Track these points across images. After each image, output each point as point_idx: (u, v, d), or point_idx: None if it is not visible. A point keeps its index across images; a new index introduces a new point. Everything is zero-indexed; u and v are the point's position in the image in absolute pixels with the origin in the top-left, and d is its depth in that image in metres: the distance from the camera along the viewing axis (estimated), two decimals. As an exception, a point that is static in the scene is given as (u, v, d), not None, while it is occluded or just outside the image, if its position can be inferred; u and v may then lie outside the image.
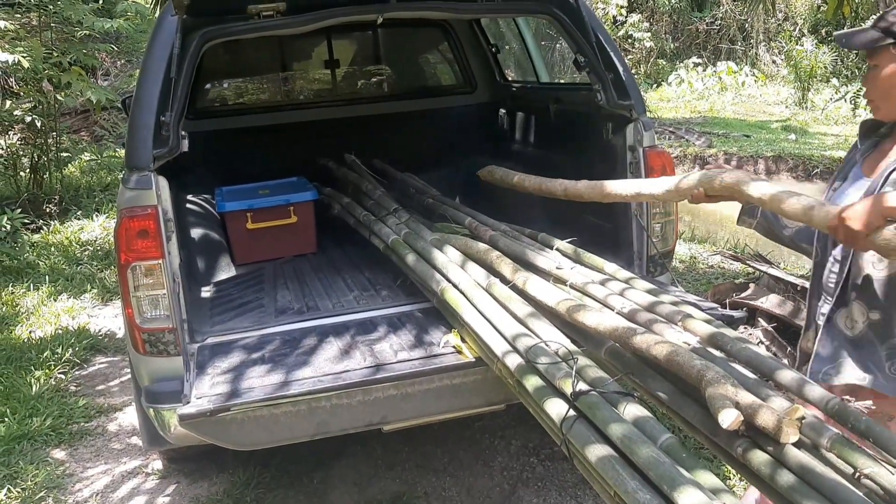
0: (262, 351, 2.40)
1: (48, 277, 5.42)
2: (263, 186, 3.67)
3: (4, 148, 7.10)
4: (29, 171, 7.26)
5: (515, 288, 2.29)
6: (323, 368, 2.25)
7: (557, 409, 1.73)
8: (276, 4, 2.66)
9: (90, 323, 4.72)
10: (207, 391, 2.14)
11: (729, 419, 1.42)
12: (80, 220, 6.98)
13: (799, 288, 3.82)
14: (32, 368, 4.03)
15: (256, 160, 4.10)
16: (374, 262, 3.14)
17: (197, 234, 3.34)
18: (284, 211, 3.46)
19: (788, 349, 3.53)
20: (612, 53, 2.86)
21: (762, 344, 3.69)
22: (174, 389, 2.26)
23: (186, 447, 2.72)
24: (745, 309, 3.59)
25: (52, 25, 7.01)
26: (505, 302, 2.22)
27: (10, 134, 7.23)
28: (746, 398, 1.48)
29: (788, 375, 1.62)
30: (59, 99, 7.04)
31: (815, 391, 1.56)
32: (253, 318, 2.68)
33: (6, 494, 2.99)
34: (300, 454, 3.07)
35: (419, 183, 3.77)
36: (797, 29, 14.60)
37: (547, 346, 1.94)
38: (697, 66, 14.27)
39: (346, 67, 4.90)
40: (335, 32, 4.44)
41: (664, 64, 14.85)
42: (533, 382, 1.86)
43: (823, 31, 13.53)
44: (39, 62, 6.23)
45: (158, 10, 6.29)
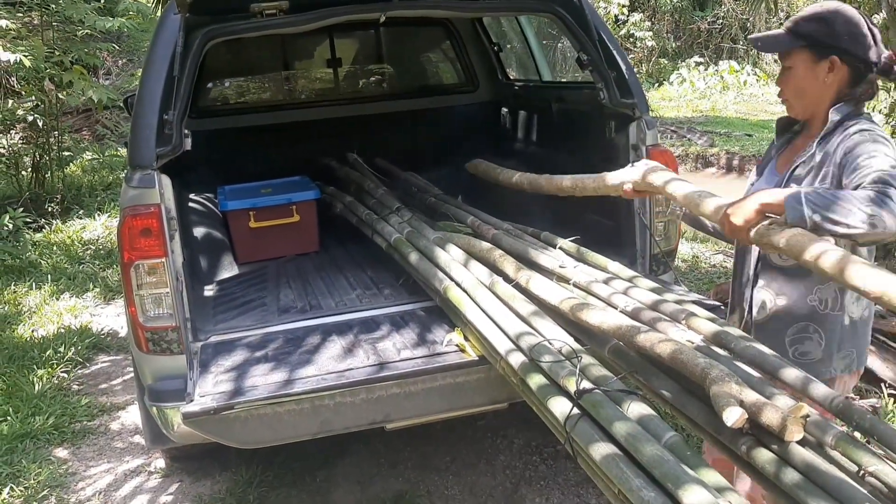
0: (265, 349, 2.40)
1: (50, 276, 5.43)
2: (266, 185, 3.67)
3: (6, 147, 7.12)
4: (31, 170, 7.27)
5: (518, 286, 2.28)
6: (326, 367, 2.25)
7: (561, 407, 1.73)
8: (278, 3, 2.66)
9: (92, 322, 4.73)
10: (211, 389, 2.15)
11: (733, 417, 1.41)
12: (81, 219, 6.98)
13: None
14: (35, 367, 4.03)
15: (259, 159, 4.11)
16: (376, 260, 3.14)
17: (199, 232, 3.34)
18: (287, 210, 3.47)
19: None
20: (614, 52, 2.85)
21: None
22: (177, 388, 2.26)
23: (189, 445, 2.73)
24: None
25: (53, 24, 7.02)
26: (508, 300, 2.22)
27: (11, 133, 7.25)
28: (751, 396, 1.47)
29: (793, 374, 1.61)
30: (60, 98, 7.04)
31: (819, 389, 1.56)
32: (256, 316, 2.68)
33: (9, 493, 2.99)
34: (303, 452, 3.07)
35: (421, 182, 3.76)
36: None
37: (550, 344, 1.94)
38: (699, 65, 14.23)
39: (348, 66, 4.89)
40: (337, 31, 4.44)
41: (666, 63, 14.81)
42: (536, 381, 1.86)
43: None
44: (41, 61, 6.23)
45: (160, 8, 6.29)
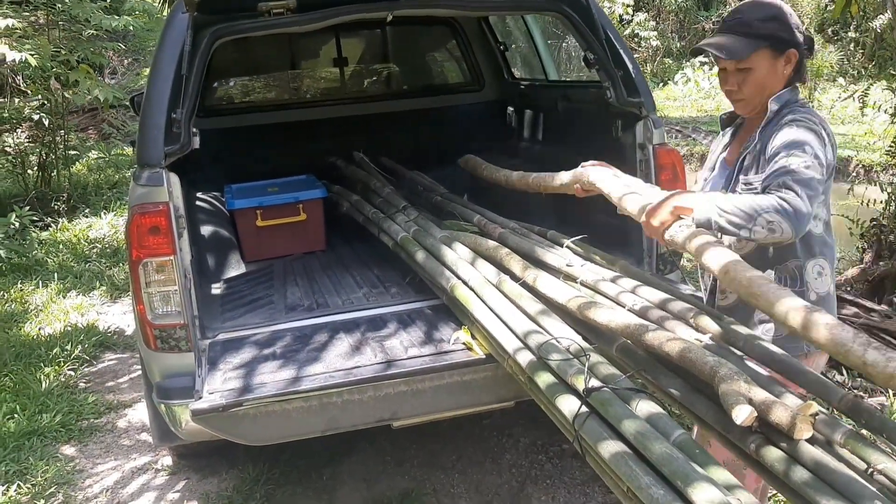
0: (272, 347, 2.41)
1: (57, 275, 5.45)
2: (273, 184, 3.67)
3: (13, 146, 7.14)
4: (37, 168, 7.30)
5: (526, 285, 2.28)
6: (334, 364, 2.26)
7: (570, 405, 1.73)
8: (286, 2, 2.66)
9: (99, 320, 4.74)
10: (219, 387, 2.15)
11: (743, 415, 1.41)
12: (88, 217, 7.00)
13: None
14: (42, 365, 4.05)
15: (266, 158, 4.12)
16: (383, 259, 3.14)
17: (207, 231, 3.35)
18: (294, 208, 3.48)
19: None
20: (621, 51, 2.85)
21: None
22: (186, 385, 2.27)
23: (196, 443, 2.73)
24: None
25: (59, 23, 7.04)
26: (515, 299, 2.22)
27: (18, 132, 7.27)
28: (760, 394, 1.47)
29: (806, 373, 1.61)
30: (66, 97, 7.07)
31: (828, 387, 1.56)
32: (263, 314, 2.69)
33: (17, 490, 3.00)
34: (309, 450, 3.08)
35: (427, 181, 3.77)
36: (804, 28, 14.52)
37: (558, 342, 1.94)
38: (704, 65, 14.19)
39: (354, 66, 4.90)
40: (344, 30, 4.45)
41: (670, 63, 14.78)
42: (545, 379, 1.86)
43: (830, 30, 13.43)
44: (47, 60, 6.24)
45: (166, 7, 6.31)
